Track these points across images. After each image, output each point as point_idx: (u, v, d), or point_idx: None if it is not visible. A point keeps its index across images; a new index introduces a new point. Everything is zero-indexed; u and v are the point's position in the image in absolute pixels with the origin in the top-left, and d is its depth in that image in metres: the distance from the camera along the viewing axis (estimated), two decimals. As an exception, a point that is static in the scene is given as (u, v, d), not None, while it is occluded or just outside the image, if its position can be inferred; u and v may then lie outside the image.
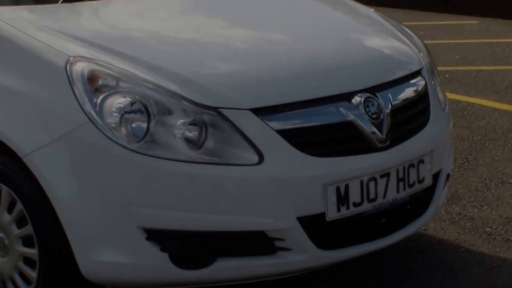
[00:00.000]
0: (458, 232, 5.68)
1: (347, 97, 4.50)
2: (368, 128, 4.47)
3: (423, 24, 11.33)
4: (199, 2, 5.35)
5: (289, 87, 4.47)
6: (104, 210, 4.26)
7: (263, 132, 4.26)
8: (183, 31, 4.99)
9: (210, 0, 5.42)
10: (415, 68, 4.98)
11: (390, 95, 4.67)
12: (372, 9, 5.71)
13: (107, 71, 4.34)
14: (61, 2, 5.01)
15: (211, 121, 4.23)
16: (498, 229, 5.70)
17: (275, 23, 5.27)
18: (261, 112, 4.28)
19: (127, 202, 4.21)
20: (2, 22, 4.70)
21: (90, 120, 4.21)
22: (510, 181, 6.53)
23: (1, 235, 4.64)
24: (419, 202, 4.84)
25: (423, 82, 4.96)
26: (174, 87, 4.28)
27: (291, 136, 4.30)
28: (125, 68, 4.35)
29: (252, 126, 4.25)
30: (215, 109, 4.23)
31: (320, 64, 4.70)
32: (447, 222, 5.80)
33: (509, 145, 7.35)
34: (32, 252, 4.50)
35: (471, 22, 13.42)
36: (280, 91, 4.43)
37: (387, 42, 5.18)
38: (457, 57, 10.63)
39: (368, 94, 4.55)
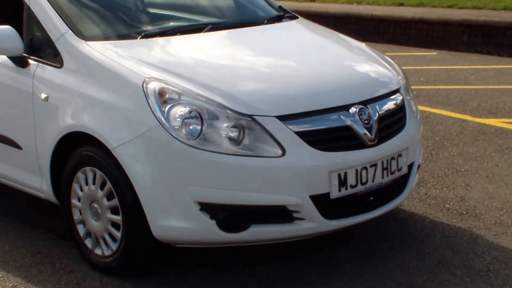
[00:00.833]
0: (425, 208, 5.69)
1: (346, 108, 4.54)
2: (361, 130, 4.51)
3: (396, 54, 11.31)
4: (233, 40, 5.38)
5: (303, 100, 4.52)
6: (169, 188, 4.31)
7: (285, 133, 4.31)
8: (224, 59, 5.04)
9: (241, 38, 5.44)
10: (395, 87, 5.00)
11: (377, 107, 4.71)
12: (363, 43, 5.73)
13: (172, 88, 4.41)
14: (140, 38, 5.05)
15: (247, 124, 4.29)
16: (454, 205, 5.72)
17: (290, 53, 5.30)
18: (283, 118, 4.34)
19: (186, 183, 4.26)
20: (97, 52, 4.77)
21: (160, 124, 4.28)
22: (462, 170, 6.53)
23: (96, 205, 4.70)
24: (398, 185, 4.86)
25: (401, 97, 4.98)
26: (220, 100, 4.34)
27: (305, 136, 4.35)
28: (184, 86, 4.43)
29: (277, 128, 4.31)
30: (250, 116, 4.29)
31: (325, 83, 4.74)
32: (417, 200, 5.82)
33: (461, 143, 7.34)
34: (118, 218, 4.57)
35: (431, 53, 13.36)
36: (297, 103, 4.48)
37: (374, 67, 5.21)
38: (422, 79, 10.60)
39: (361, 105, 4.59)
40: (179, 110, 4.31)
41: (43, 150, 4.94)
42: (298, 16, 6.09)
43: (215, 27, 5.45)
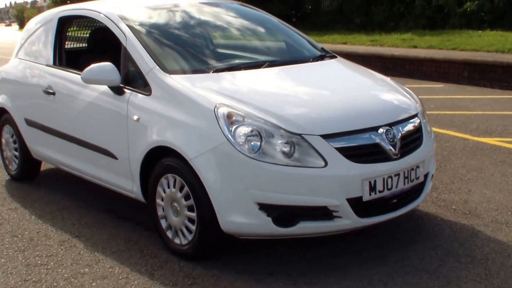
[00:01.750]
0: (436, 208, 5.60)
1: (375, 128, 4.47)
2: (388, 147, 4.44)
3: (412, 86, 11.12)
4: (286, 74, 5.34)
5: (341, 122, 4.45)
6: (234, 191, 4.28)
7: (327, 149, 4.26)
8: (278, 89, 4.99)
9: (292, 72, 5.40)
10: (414, 112, 4.92)
11: (400, 128, 4.64)
12: (388, 77, 5.66)
13: (237, 112, 4.37)
14: (212, 72, 5.04)
15: (297, 141, 4.24)
16: (459, 207, 5.62)
17: (330, 84, 5.26)
18: (326, 136, 4.29)
19: (247, 187, 4.22)
20: (178, 83, 4.78)
21: (228, 140, 4.26)
22: (465, 178, 6.43)
23: (175, 204, 4.68)
24: (416, 190, 4.77)
25: (418, 121, 4.90)
26: (275, 122, 4.31)
27: (343, 151, 4.29)
28: (247, 110, 4.40)
29: (321, 145, 4.26)
30: (299, 135, 4.24)
31: (359, 108, 4.68)
32: (430, 203, 5.73)
33: (464, 157, 7.25)
34: (193, 214, 4.54)
35: (439, 85, 13.29)
36: (336, 124, 4.42)
37: (397, 96, 5.13)
38: (432, 106, 10.52)
39: (387, 127, 4.53)
40: (243, 130, 4.28)
41: (135, 160, 4.94)
42: (337, 55, 6.03)
43: (272, 64, 5.41)
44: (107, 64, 5.11)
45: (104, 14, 5.71)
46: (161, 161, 4.73)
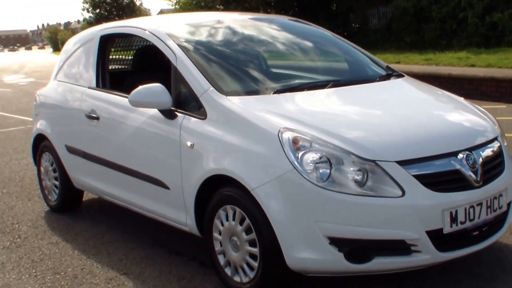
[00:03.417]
0: (517, 240, 5.33)
1: (454, 153, 4.26)
2: (469, 173, 4.23)
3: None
4: (353, 95, 5.13)
5: (418, 147, 4.24)
6: (301, 224, 4.08)
7: (404, 176, 4.05)
8: (347, 111, 4.81)
9: (360, 93, 5.19)
10: (493, 135, 4.72)
11: (480, 152, 4.43)
12: (462, 98, 5.43)
13: (304, 137, 4.18)
14: (273, 93, 4.86)
15: (370, 169, 4.04)
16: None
17: (403, 106, 5.05)
18: (402, 163, 4.08)
19: (317, 219, 4.03)
20: (237, 106, 4.63)
21: (294, 168, 4.07)
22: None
23: (235, 239, 4.49)
24: (499, 220, 4.54)
25: (498, 144, 4.70)
26: (346, 147, 4.11)
27: (421, 178, 4.08)
28: (314, 134, 4.21)
29: (397, 172, 4.05)
30: (373, 161, 4.03)
31: (436, 132, 4.47)
32: (508, 233, 5.48)
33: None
34: (255, 250, 4.34)
35: (501, 106, 13.05)
36: (413, 150, 4.20)
37: (475, 118, 4.92)
38: (496, 128, 10.22)
39: (467, 152, 4.31)
40: (311, 156, 4.08)
41: (189, 190, 4.77)
42: (404, 74, 5.83)
43: (336, 83, 5.20)
44: (156, 85, 4.97)
45: (151, 32, 5.58)
46: (219, 191, 4.55)
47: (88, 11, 68.59)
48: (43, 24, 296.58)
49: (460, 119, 4.91)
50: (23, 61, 66.02)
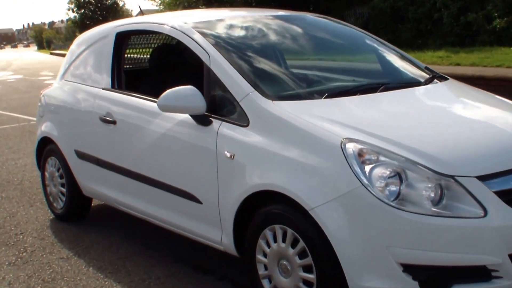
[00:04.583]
0: None
1: None
2: None
3: None
4: (407, 99, 4.40)
5: (498, 159, 3.49)
6: (370, 248, 3.32)
7: (485, 193, 3.29)
8: (407, 118, 4.00)
9: (413, 97, 4.47)
10: None
11: None
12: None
13: (370, 148, 3.41)
14: (324, 98, 4.04)
15: (447, 185, 3.28)
16: None
17: (467, 113, 4.34)
18: (483, 178, 3.32)
19: (388, 244, 3.27)
20: (286, 112, 3.82)
21: (362, 185, 3.30)
22: None
23: (285, 262, 3.70)
24: None
25: None
26: (419, 160, 3.35)
27: (503, 195, 3.32)
28: (381, 146, 3.44)
29: (478, 188, 3.29)
30: (451, 176, 3.27)
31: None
32: None
33: None
34: (311, 276, 3.56)
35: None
36: (493, 163, 3.45)
37: None
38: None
39: None
40: (381, 171, 3.32)
41: (227, 206, 3.98)
42: (448, 77, 5.08)
43: (387, 87, 4.40)
44: (188, 88, 4.17)
45: (174, 27, 4.76)
46: (265, 209, 3.78)
47: (73, 11, 67.26)
48: (28, 24, 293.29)
49: None
50: (10, 58, 64.30)
